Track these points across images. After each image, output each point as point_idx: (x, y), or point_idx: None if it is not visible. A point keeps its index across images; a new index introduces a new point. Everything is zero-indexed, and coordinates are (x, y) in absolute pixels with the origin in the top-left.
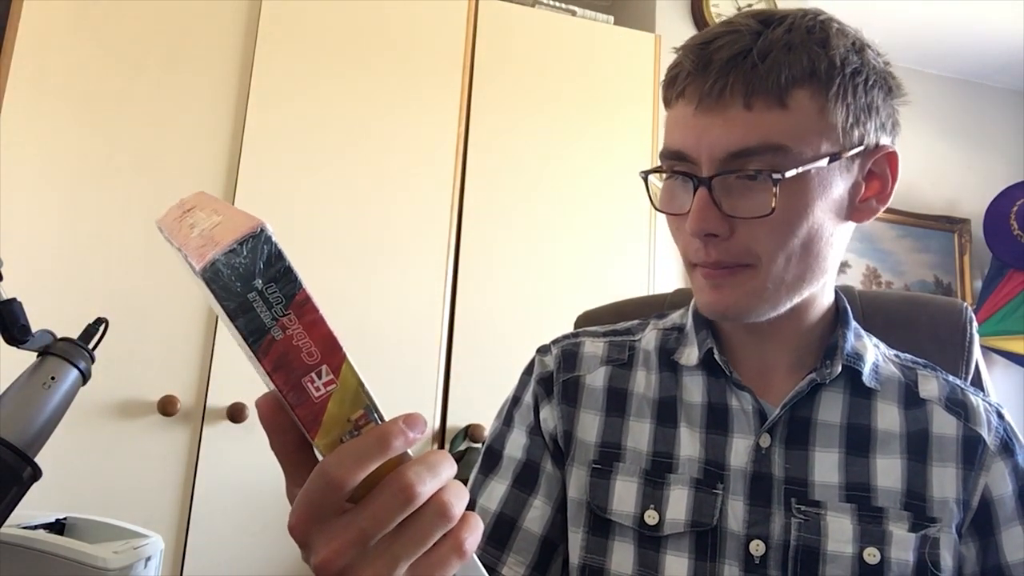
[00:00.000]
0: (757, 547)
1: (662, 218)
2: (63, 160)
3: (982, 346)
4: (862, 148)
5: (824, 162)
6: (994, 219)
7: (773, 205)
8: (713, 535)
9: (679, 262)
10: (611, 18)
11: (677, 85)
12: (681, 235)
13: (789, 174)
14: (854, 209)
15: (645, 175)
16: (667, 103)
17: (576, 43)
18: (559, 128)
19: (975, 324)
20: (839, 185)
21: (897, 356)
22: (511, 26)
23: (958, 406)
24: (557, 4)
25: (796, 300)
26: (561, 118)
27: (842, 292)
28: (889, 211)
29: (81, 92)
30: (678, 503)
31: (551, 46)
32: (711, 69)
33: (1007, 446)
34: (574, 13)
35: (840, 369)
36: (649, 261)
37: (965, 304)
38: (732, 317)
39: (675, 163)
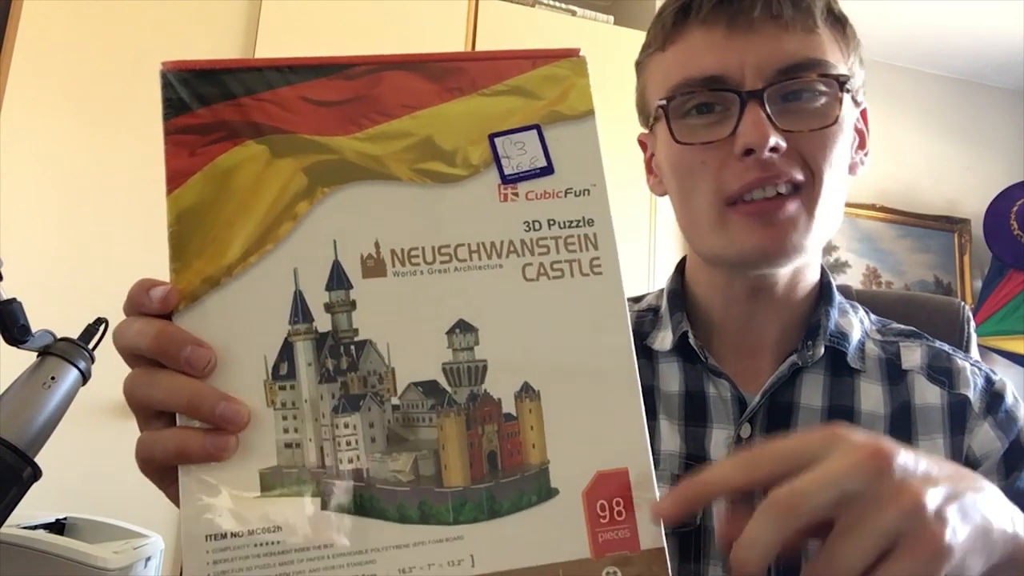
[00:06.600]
0: None
1: (662, 216)
2: (63, 160)
3: (982, 346)
4: (862, 92)
5: (855, 89)
6: (994, 219)
7: (838, 113)
8: (697, 535)
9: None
10: (611, 18)
11: (694, 11)
12: (709, 169)
13: (854, 83)
14: (851, 158)
15: (666, 102)
16: (671, 36)
17: (576, 43)
18: None
19: (972, 323)
20: (851, 122)
21: (881, 331)
22: (511, 26)
23: (942, 374)
24: (557, 4)
25: (815, 250)
26: None
27: (840, 291)
28: (889, 211)
29: (81, 92)
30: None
31: (551, 46)
32: None
33: (991, 407)
34: (574, 13)
35: (823, 351)
36: (649, 259)
37: (962, 303)
38: (778, 258)
39: (703, 89)
